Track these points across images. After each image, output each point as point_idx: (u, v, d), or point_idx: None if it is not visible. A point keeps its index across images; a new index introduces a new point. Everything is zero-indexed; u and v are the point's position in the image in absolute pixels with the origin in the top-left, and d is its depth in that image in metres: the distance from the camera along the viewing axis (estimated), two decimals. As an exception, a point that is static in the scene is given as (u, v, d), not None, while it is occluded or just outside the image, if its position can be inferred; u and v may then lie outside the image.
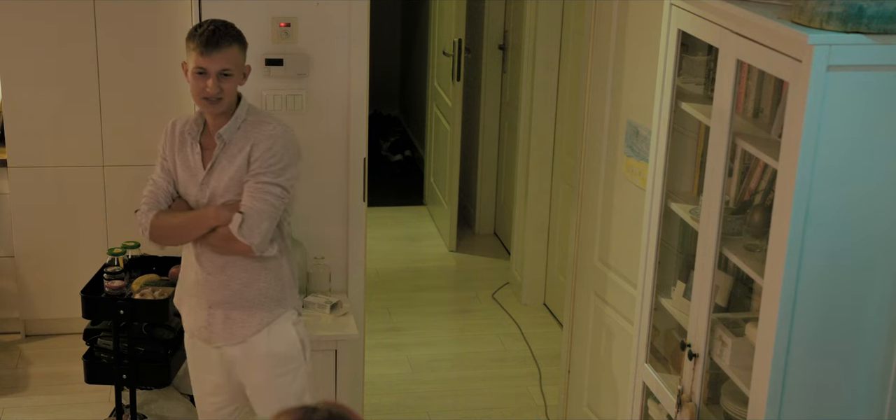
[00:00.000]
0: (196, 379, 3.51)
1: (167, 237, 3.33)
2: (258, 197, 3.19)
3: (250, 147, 3.22)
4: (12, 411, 4.63)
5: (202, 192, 3.28)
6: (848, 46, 2.46)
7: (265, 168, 3.20)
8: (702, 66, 3.27)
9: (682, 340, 3.17)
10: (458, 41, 6.36)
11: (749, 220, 2.98)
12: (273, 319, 3.35)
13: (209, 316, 3.35)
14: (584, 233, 4.28)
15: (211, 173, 3.26)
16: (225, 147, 3.25)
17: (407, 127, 8.87)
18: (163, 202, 3.31)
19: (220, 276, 3.30)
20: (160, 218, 3.29)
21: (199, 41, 3.15)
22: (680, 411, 3.16)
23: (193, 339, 3.45)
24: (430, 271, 6.43)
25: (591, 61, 4.16)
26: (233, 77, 3.19)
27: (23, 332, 5.29)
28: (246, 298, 3.31)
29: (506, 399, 4.98)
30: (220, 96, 3.18)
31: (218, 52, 3.14)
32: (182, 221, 3.28)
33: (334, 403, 1.67)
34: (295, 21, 3.99)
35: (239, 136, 3.24)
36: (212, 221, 3.24)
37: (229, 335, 3.35)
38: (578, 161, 4.30)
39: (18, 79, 4.95)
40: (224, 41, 3.15)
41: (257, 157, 3.21)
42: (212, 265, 3.31)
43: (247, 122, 3.26)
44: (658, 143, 3.32)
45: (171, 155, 3.32)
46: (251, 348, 3.35)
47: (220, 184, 3.25)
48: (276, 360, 3.36)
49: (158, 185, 3.32)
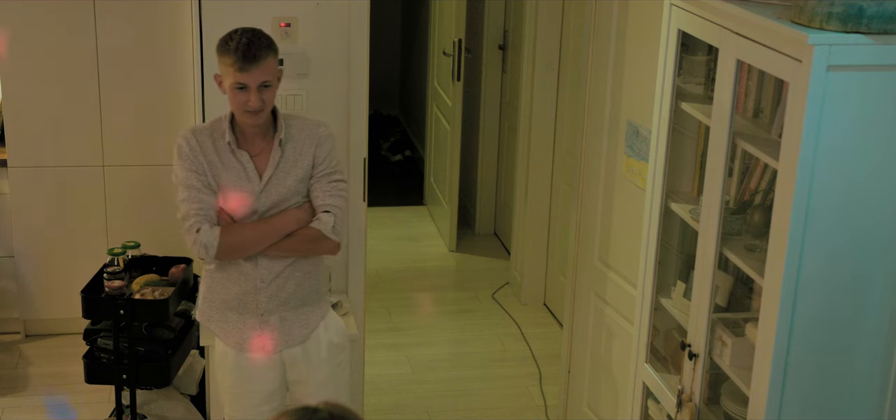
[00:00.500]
0: (242, 392, 3.36)
1: (240, 251, 3.21)
2: (336, 194, 3.25)
3: (315, 148, 3.24)
4: (12, 411, 4.63)
5: (262, 198, 3.22)
6: (848, 46, 2.46)
7: (332, 166, 3.27)
8: (702, 66, 3.27)
9: (682, 340, 3.17)
10: (458, 41, 6.36)
11: (749, 219, 2.98)
12: (325, 313, 3.40)
13: (262, 324, 3.29)
14: (585, 233, 4.28)
15: (273, 178, 3.22)
16: (284, 151, 3.23)
17: (407, 127, 8.87)
18: (214, 217, 3.20)
19: (275, 282, 3.26)
20: (230, 234, 3.18)
21: (235, 57, 3.09)
22: (680, 411, 3.16)
23: (241, 353, 3.32)
24: (431, 271, 6.43)
25: (591, 61, 4.16)
26: (271, 87, 3.16)
27: (23, 332, 5.28)
28: (300, 298, 3.31)
29: (506, 399, 4.98)
30: (262, 108, 3.15)
31: (256, 65, 3.09)
32: (258, 232, 3.20)
33: (335, 404, 1.67)
34: (295, 21, 4.00)
35: (294, 138, 3.24)
36: (292, 226, 3.21)
37: (289, 338, 3.32)
38: (578, 161, 4.30)
39: (18, 78, 4.95)
40: (260, 53, 3.10)
41: (324, 157, 3.25)
42: (269, 273, 3.25)
43: (292, 124, 3.27)
44: (658, 143, 3.32)
45: (209, 166, 3.21)
46: (312, 345, 3.36)
47: (287, 188, 3.23)
48: (335, 352, 3.41)
49: (204, 202, 3.19)
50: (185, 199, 3.20)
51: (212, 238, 3.15)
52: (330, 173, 3.25)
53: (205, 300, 3.37)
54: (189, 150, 3.22)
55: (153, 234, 4.97)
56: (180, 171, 3.23)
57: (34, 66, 4.94)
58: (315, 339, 3.36)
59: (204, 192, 3.19)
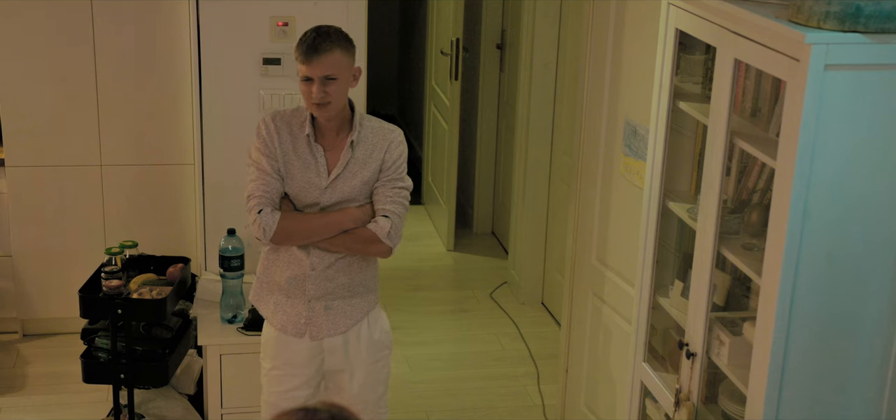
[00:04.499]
0: (280, 375, 3.46)
1: (294, 239, 3.31)
2: (397, 201, 3.32)
3: (384, 153, 3.31)
4: (10, 411, 4.63)
5: (327, 194, 3.32)
6: (845, 45, 2.46)
7: (399, 173, 3.34)
8: (699, 65, 3.27)
9: (679, 339, 3.17)
10: (456, 40, 6.36)
11: (747, 219, 2.98)
12: (371, 308, 3.47)
13: (309, 310, 3.39)
14: (582, 232, 4.28)
15: (341, 176, 3.32)
16: (354, 153, 3.31)
17: (405, 126, 8.87)
18: (277, 201, 3.31)
19: (326, 272, 3.36)
20: (289, 221, 3.29)
21: (301, 49, 3.20)
22: (678, 410, 3.16)
23: (285, 335, 3.42)
24: (428, 271, 6.43)
25: (588, 60, 4.16)
26: (338, 81, 3.21)
27: (20, 332, 5.28)
28: (348, 290, 3.40)
29: (504, 398, 4.98)
30: (326, 101, 3.21)
31: (318, 58, 3.18)
32: (316, 225, 3.31)
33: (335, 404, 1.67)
34: (293, 20, 4.00)
35: (366, 140, 3.33)
36: (348, 224, 3.30)
37: (332, 327, 3.41)
38: (576, 160, 4.31)
39: (16, 78, 4.94)
40: (324, 47, 3.18)
41: (391, 163, 3.33)
42: (320, 262, 3.35)
43: (366, 129, 3.34)
44: (656, 142, 3.32)
45: (281, 153, 3.31)
46: (352, 337, 3.44)
47: (352, 187, 3.32)
48: (375, 347, 3.48)
49: (270, 185, 3.30)
50: (254, 180, 3.31)
51: (271, 221, 3.26)
52: (395, 180, 3.34)
53: (259, 281, 3.48)
54: (267, 134, 3.32)
55: (151, 234, 4.98)
56: (254, 152, 3.34)
57: (32, 66, 4.93)
58: (356, 331, 3.45)
59: (273, 176, 3.29)
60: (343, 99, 3.27)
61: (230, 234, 4.03)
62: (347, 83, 3.26)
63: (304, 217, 3.31)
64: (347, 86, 3.26)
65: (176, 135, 5.04)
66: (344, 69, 3.22)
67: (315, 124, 3.33)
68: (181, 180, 5.09)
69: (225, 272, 4.09)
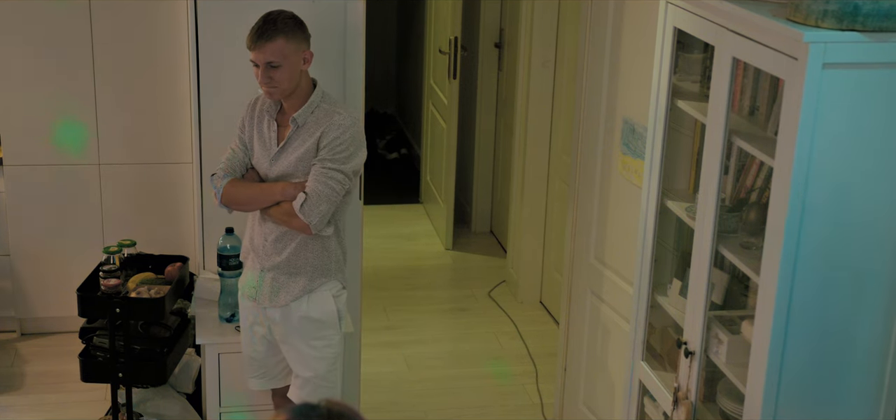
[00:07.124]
0: (244, 330, 3.73)
1: (237, 204, 3.55)
2: (322, 181, 3.40)
3: (321, 133, 3.41)
4: (8, 410, 4.63)
5: (272, 167, 3.51)
6: (843, 44, 2.46)
7: (332, 155, 3.41)
8: (698, 63, 3.28)
9: (678, 338, 3.17)
10: (455, 39, 6.36)
11: (745, 217, 2.98)
12: (315, 288, 3.56)
13: (259, 278, 3.59)
14: (581, 231, 4.28)
15: (282, 151, 3.49)
16: (298, 129, 3.46)
17: (403, 125, 8.87)
18: (238, 171, 3.56)
19: (275, 245, 3.53)
20: (234, 186, 3.53)
21: (249, 35, 3.38)
22: (676, 409, 3.16)
23: (244, 298, 3.68)
24: (427, 269, 6.43)
25: (587, 59, 4.16)
26: (281, 68, 3.36)
27: (18, 331, 5.28)
28: (294, 266, 3.53)
29: (502, 397, 4.98)
30: (272, 85, 3.38)
31: (261, 44, 3.34)
32: (252, 193, 3.52)
33: (334, 401, 1.67)
34: (291, 19, 3.99)
35: (312, 120, 3.45)
36: (278, 196, 3.46)
37: (273, 298, 3.57)
38: (574, 159, 4.31)
39: (13, 76, 4.94)
40: (268, 34, 3.33)
41: (326, 144, 3.41)
42: (271, 233, 3.53)
43: (320, 109, 3.47)
44: (654, 140, 3.32)
45: (249, 128, 3.57)
46: (290, 312, 3.56)
47: (289, 162, 3.47)
48: (313, 325, 3.57)
49: (235, 155, 3.58)
50: (227, 150, 3.60)
51: (220, 186, 3.54)
52: (326, 160, 3.41)
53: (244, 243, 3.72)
54: (244, 110, 3.61)
55: (149, 233, 4.98)
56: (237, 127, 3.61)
57: (29, 64, 4.93)
58: (294, 307, 3.56)
59: (239, 149, 3.59)
60: (291, 82, 3.40)
61: (228, 234, 4.03)
62: (295, 67, 3.39)
63: (245, 185, 3.53)
64: (295, 70, 3.39)
65: (174, 134, 5.04)
66: (289, 55, 3.36)
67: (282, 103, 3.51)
68: (179, 179, 5.09)
69: (223, 271, 4.08)
